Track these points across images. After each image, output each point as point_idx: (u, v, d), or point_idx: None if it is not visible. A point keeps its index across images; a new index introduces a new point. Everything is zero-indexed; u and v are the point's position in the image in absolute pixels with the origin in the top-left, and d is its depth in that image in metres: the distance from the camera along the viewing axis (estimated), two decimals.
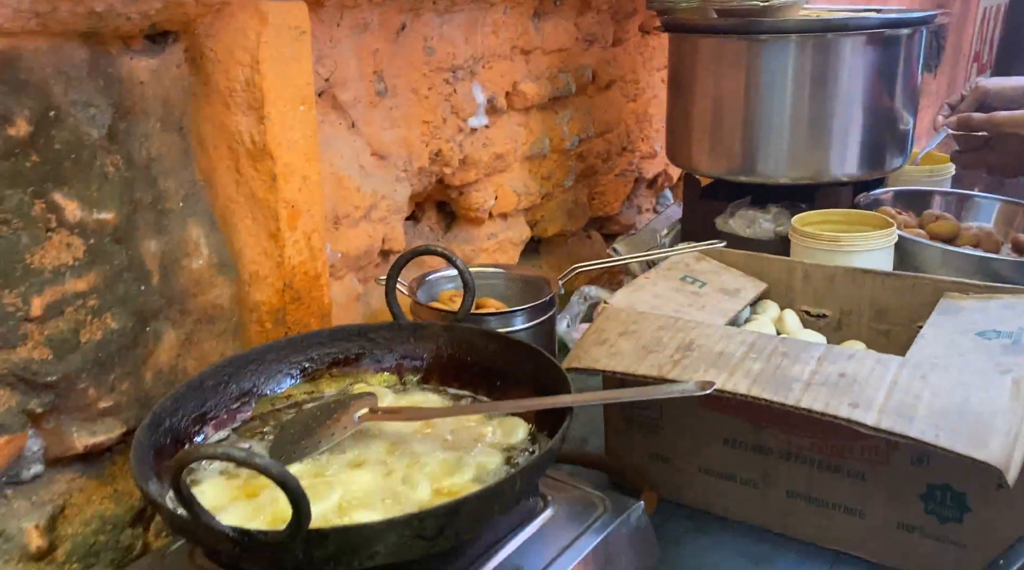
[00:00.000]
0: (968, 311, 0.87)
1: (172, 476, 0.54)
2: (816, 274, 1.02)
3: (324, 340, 0.86)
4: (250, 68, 0.81)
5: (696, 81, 1.26)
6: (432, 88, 1.13)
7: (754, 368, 0.76)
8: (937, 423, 0.67)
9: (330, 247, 1.01)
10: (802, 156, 1.23)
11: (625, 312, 0.88)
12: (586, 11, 1.42)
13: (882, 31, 1.16)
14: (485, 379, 0.83)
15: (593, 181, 1.56)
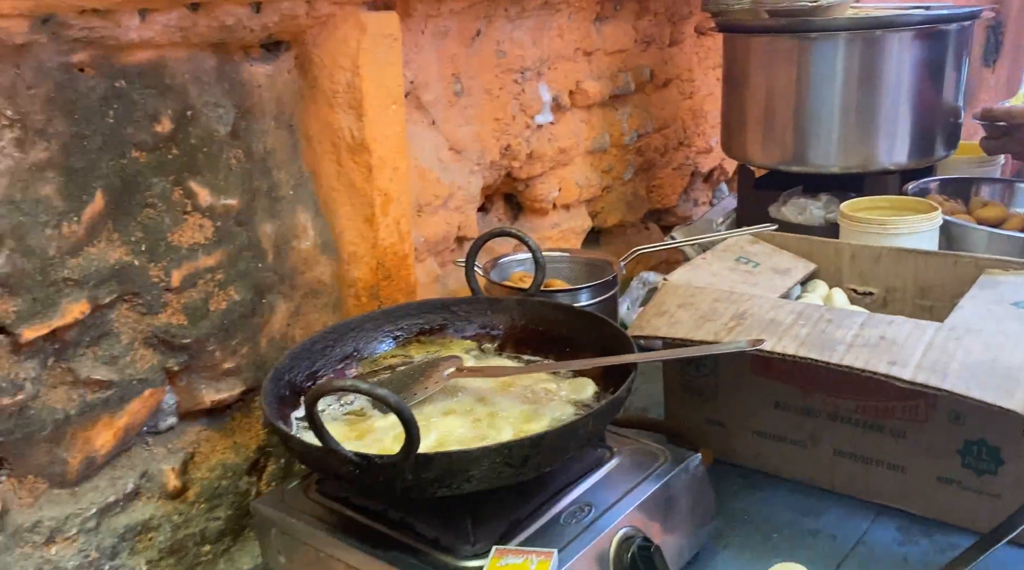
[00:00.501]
0: (1006, 285, 0.94)
1: (307, 407, 0.65)
2: (863, 254, 1.10)
3: (413, 311, 0.97)
4: (351, 72, 0.93)
5: (750, 78, 1.34)
6: (503, 88, 1.23)
7: (801, 333, 0.84)
8: (968, 377, 0.74)
9: (414, 232, 1.12)
10: (851, 146, 1.30)
11: (683, 287, 0.98)
12: (644, 14, 1.51)
13: (928, 27, 1.22)
14: (555, 346, 0.93)
15: (651, 174, 1.65)
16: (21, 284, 0.74)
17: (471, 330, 0.96)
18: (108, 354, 0.82)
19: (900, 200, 1.23)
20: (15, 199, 0.73)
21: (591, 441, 0.76)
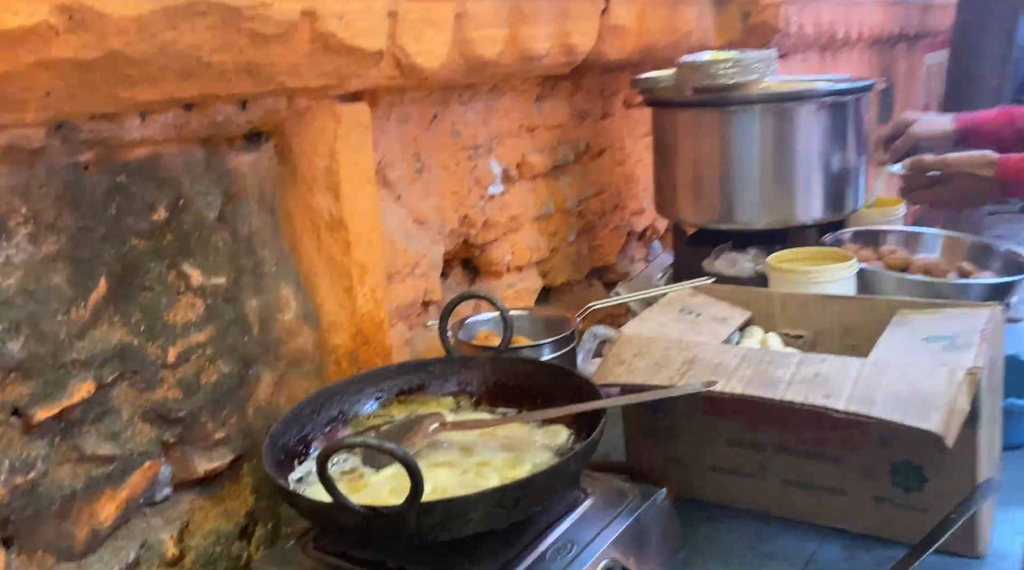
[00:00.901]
0: (917, 322, 1.07)
1: (320, 465, 0.72)
2: (791, 302, 1.22)
3: (392, 374, 1.05)
4: (328, 158, 1.02)
5: (679, 146, 1.48)
6: (459, 164, 1.34)
7: (746, 374, 0.95)
8: (892, 405, 0.86)
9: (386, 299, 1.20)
10: (772, 205, 1.44)
11: (637, 338, 1.08)
12: (578, 92, 1.65)
13: (831, 99, 1.39)
14: (527, 397, 1.01)
15: (592, 235, 1.77)
16: (34, 368, 0.79)
17: (449, 388, 1.04)
18: (110, 430, 0.87)
19: (819, 251, 1.37)
20: (29, 289, 0.78)
21: (573, 481, 0.84)
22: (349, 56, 0.95)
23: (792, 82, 1.53)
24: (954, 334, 1.01)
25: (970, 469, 0.93)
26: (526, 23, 1.23)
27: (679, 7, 1.65)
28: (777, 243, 1.46)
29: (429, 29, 1.05)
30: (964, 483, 0.93)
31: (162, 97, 0.81)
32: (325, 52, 0.92)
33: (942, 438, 0.83)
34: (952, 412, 0.85)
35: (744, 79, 1.37)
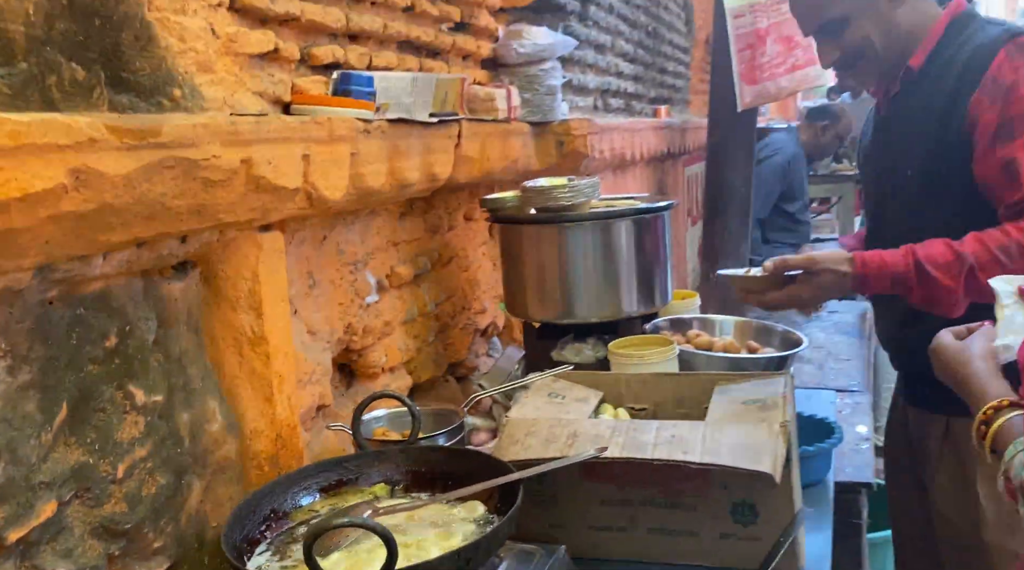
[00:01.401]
0: (733, 390, 1.37)
1: (305, 549, 0.83)
2: (634, 381, 1.48)
3: (314, 472, 1.16)
4: (251, 281, 1.14)
5: (524, 256, 1.73)
6: (343, 278, 1.49)
7: (620, 441, 1.17)
8: (732, 453, 1.12)
9: None
10: (603, 302, 1.72)
11: (523, 421, 1.27)
12: (430, 209, 1.87)
13: (642, 216, 1.71)
14: (441, 480, 1.16)
15: (446, 335, 1.96)
16: (9, 492, 0.84)
17: (374, 478, 1.17)
18: (64, 547, 0.92)
19: (645, 338, 1.66)
20: (7, 417, 0.84)
21: (503, 542, 1.00)
22: (274, 194, 1.10)
23: (613, 201, 1.85)
24: (764, 397, 1.30)
25: (789, 502, 1.21)
26: (402, 158, 1.43)
27: (509, 138, 1.94)
28: (610, 332, 1.73)
29: (333, 167, 1.22)
30: (786, 514, 1.21)
31: (128, 238, 0.92)
32: (256, 191, 1.07)
33: (773, 477, 1.09)
34: (776, 457, 1.12)
35: (576, 201, 1.65)
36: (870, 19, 1.52)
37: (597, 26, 2.71)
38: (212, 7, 1.14)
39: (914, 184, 1.54)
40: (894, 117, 1.60)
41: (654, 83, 3.61)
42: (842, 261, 1.48)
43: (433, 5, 1.80)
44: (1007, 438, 0.90)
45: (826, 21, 1.55)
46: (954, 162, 1.46)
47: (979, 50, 1.45)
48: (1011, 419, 0.91)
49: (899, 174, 1.57)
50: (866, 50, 1.54)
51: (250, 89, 1.21)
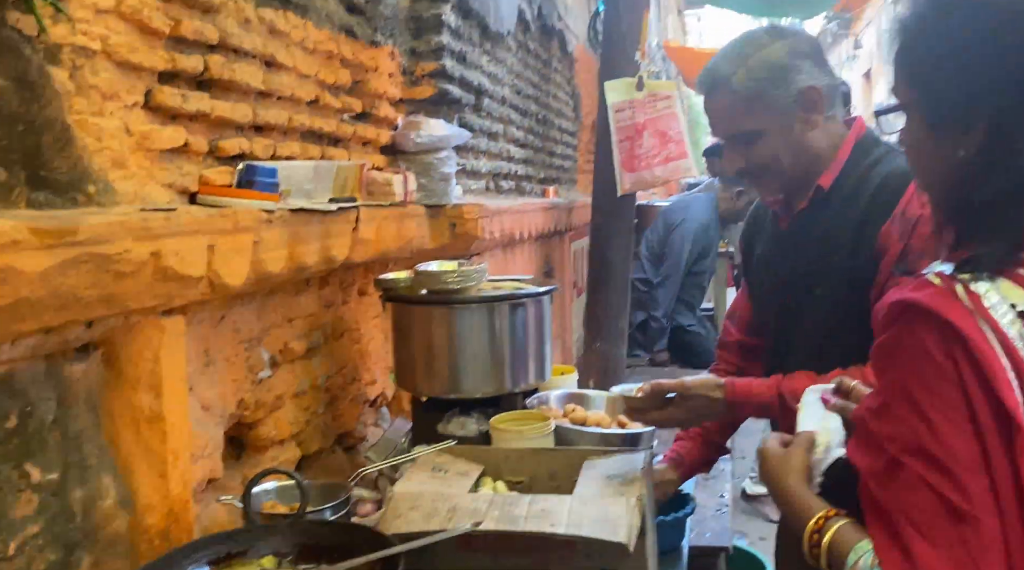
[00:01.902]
0: (600, 465, 1.51)
1: None
2: (512, 455, 1.61)
3: (203, 545, 1.21)
4: (153, 363, 1.21)
5: (415, 334, 1.84)
6: (238, 355, 1.56)
7: (495, 514, 1.29)
8: (592, 525, 1.25)
9: None
10: (488, 378, 1.85)
11: (408, 494, 1.37)
12: (325, 286, 1.97)
13: (523, 300, 1.86)
14: (327, 554, 1.24)
15: (335, 407, 2.04)
16: None
17: (261, 551, 1.23)
18: None
19: (526, 413, 1.80)
20: None
21: None
22: (179, 282, 1.18)
23: (500, 283, 2.00)
24: (625, 472, 1.46)
25: (644, 568, 1.35)
26: (301, 243, 1.53)
27: (405, 220, 2.07)
28: (493, 407, 1.86)
29: (236, 256, 1.31)
30: None
31: (39, 327, 0.99)
32: (163, 281, 1.15)
33: (627, 546, 1.23)
34: (631, 528, 1.27)
35: (465, 285, 1.79)
36: (782, 138, 1.54)
37: (490, 116, 2.91)
38: (128, 107, 1.23)
39: (826, 304, 1.56)
40: (801, 233, 1.61)
41: (543, 165, 3.85)
42: (714, 387, 1.55)
43: (336, 99, 1.94)
44: (845, 545, 0.93)
45: (738, 132, 1.57)
46: (865, 286, 1.49)
47: (890, 179, 1.49)
48: (843, 526, 0.96)
49: (809, 292, 1.58)
50: (772, 166, 1.56)
51: (159, 182, 1.29)
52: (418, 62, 2.40)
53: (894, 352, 0.89)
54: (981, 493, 0.82)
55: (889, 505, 0.87)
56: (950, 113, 0.93)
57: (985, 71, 0.89)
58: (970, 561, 0.81)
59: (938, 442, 0.83)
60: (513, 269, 3.12)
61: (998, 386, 0.82)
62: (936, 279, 0.89)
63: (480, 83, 2.71)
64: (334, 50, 1.92)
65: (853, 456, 0.96)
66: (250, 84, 1.56)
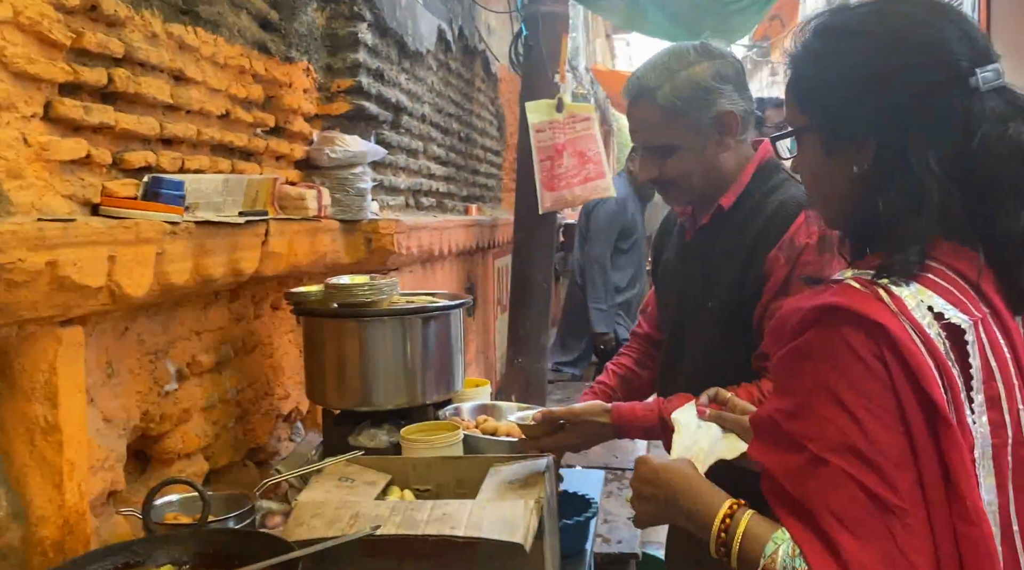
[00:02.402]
0: (503, 471, 1.56)
1: None
2: (420, 465, 1.64)
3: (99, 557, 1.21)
4: (49, 373, 1.21)
5: (326, 346, 1.86)
6: (143, 367, 1.56)
7: (397, 519, 1.32)
8: (491, 527, 1.30)
9: None
10: (399, 390, 1.88)
11: (311, 503, 1.39)
12: (236, 299, 1.97)
13: (435, 313, 1.90)
14: (227, 562, 1.25)
15: (246, 420, 2.03)
16: None
17: (160, 561, 1.23)
18: None
19: (437, 424, 1.83)
20: None
21: None
22: (78, 292, 1.19)
23: (413, 297, 2.03)
24: (526, 477, 1.50)
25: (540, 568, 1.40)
26: (207, 255, 1.54)
27: (318, 235, 2.09)
28: (404, 419, 1.89)
29: (138, 266, 1.32)
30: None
31: None
32: (60, 290, 1.15)
33: (524, 547, 1.28)
34: (528, 530, 1.31)
35: (376, 298, 1.82)
36: (695, 156, 1.61)
37: (409, 133, 2.95)
38: (26, 118, 1.23)
39: (715, 316, 1.63)
40: (701, 248, 1.69)
41: (466, 183, 3.90)
42: (601, 413, 1.60)
43: (248, 113, 1.95)
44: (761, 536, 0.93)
45: (655, 144, 1.63)
46: (751, 305, 1.57)
47: (784, 206, 1.57)
48: (755, 517, 0.96)
49: (701, 303, 1.66)
50: (682, 181, 1.63)
51: (59, 193, 1.29)
52: (334, 79, 2.43)
53: (813, 354, 0.91)
54: (909, 487, 0.85)
55: (810, 501, 0.89)
56: (843, 132, 1.00)
57: (871, 91, 0.97)
58: (898, 552, 0.83)
59: (866, 439, 0.86)
60: (433, 285, 3.16)
61: (926, 383, 0.86)
62: (856, 284, 0.94)
63: (399, 100, 2.75)
64: (246, 65, 1.94)
65: (758, 456, 0.98)
66: (157, 98, 1.57)
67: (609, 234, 4.43)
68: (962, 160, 0.93)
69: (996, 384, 0.91)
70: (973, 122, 0.94)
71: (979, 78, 0.94)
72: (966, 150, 0.93)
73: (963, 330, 0.91)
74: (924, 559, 0.84)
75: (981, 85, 0.94)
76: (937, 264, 0.95)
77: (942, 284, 0.94)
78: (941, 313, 0.91)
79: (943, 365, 0.89)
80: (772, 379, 1.00)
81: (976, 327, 0.92)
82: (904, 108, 0.96)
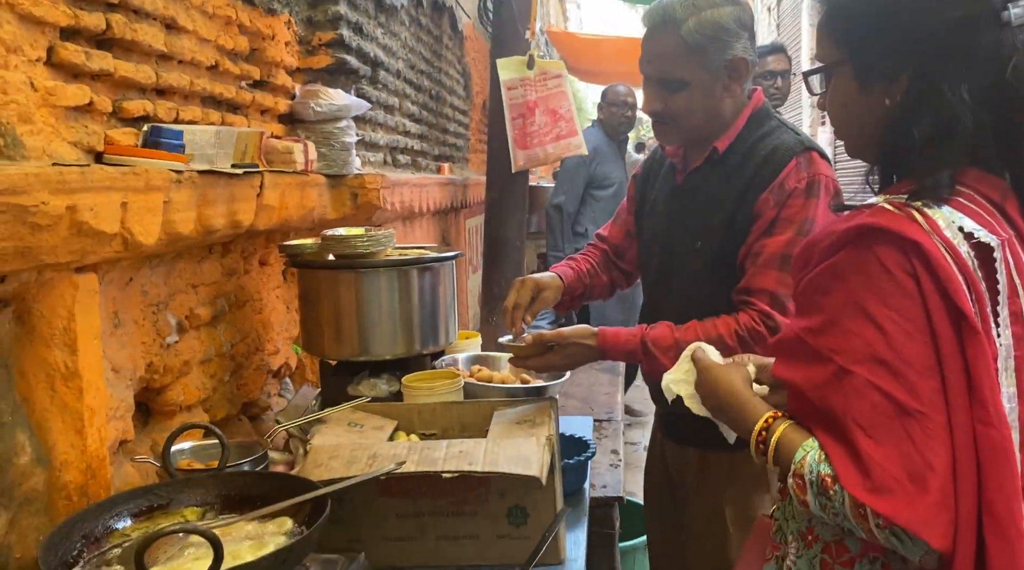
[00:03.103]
0: (509, 413, 1.60)
1: (137, 557, 0.93)
2: (424, 410, 1.67)
3: (124, 499, 1.22)
4: (67, 319, 1.20)
5: (322, 298, 1.87)
6: (146, 318, 1.55)
7: (415, 458, 1.36)
8: (508, 462, 1.34)
9: None
10: (397, 340, 1.90)
11: (325, 447, 1.42)
12: (228, 254, 1.96)
13: (431, 264, 1.92)
14: (250, 503, 1.27)
15: (240, 375, 2.04)
16: None
17: (184, 503, 1.25)
18: None
19: (435, 372, 1.86)
20: None
21: (313, 548, 1.14)
22: (94, 238, 1.18)
23: (406, 250, 2.05)
24: (533, 418, 1.55)
25: (553, 504, 1.45)
26: (209, 205, 1.54)
27: (307, 189, 2.08)
28: (402, 369, 1.91)
29: (148, 214, 1.32)
30: (549, 514, 1.45)
31: None
32: (78, 236, 1.15)
33: (540, 480, 1.32)
34: (543, 464, 1.36)
35: (374, 249, 1.83)
36: (702, 96, 1.64)
37: (386, 89, 2.93)
38: (31, 62, 1.21)
39: (702, 256, 1.69)
40: (692, 189, 1.74)
41: (438, 142, 3.89)
42: (588, 336, 1.70)
43: (235, 65, 1.93)
44: (793, 443, 1.01)
45: (668, 76, 1.65)
46: (738, 244, 1.65)
47: (776, 151, 1.63)
48: (789, 426, 1.03)
49: (689, 244, 1.71)
50: (684, 118, 1.67)
51: (66, 139, 1.28)
52: (315, 31, 2.40)
53: (845, 272, 0.97)
54: (931, 393, 0.91)
55: (834, 410, 0.95)
56: (877, 66, 1.05)
57: (906, 27, 1.02)
58: (915, 453, 0.90)
59: (892, 349, 0.92)
60: (412, 241, 3.16)
61: (955, 295, 0.92)
62: (890, 206, 0.99)
63: (376, 55, 2.73)
64: (232, 16, 1.91)
65: (782, 374, 1.05)
66: (152, 45, 1.54)
67: (575, 181, 4.47)
68: (994, 90, 0.99)
69: (1020, 300, 0.98)
70: (1005, 54, 0.99)
71: (1012, 13, 0.99)
72: (999, 81, 0.98)
73: (992, 248, 0.97)
74: (940, 460, 0.90)
75: (1013, 19, 0.99)
76: (966, 189, 1.02)
77: (971, 206, 1.00)
78: (971, 233, 0.97)
79: (972, 280, 0.95)
80: (796, 302, 1.06)
81: (1003, 247, 0.98)
82: (938, 42, 1.01)
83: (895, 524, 0.89)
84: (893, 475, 0.90)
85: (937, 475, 0.90)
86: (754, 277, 1.63)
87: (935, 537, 0.89)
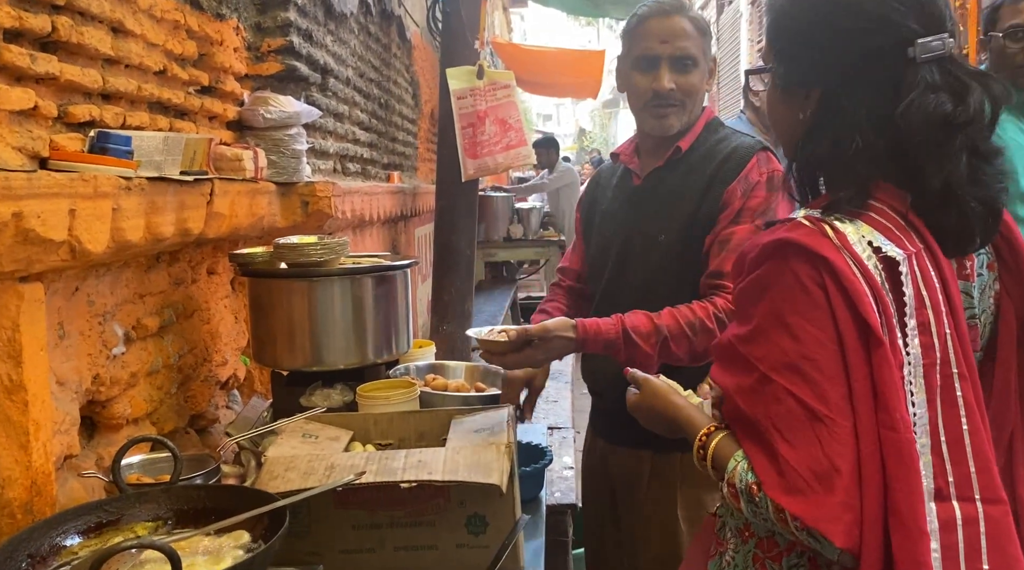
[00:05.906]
0: (467, 422, 1.60)
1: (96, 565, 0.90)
2: (381, 420, 1.66)
3: (72, 516, 1.18)
4: (12, 330, 1.16)
5: (275, 308, 1.84)
6: (92, 329, 1.51)
7: (374, 468, 1.34)
8: (468, 470, 1.34)
9: None
10: (350, 350, 1.88)
11: (282, 458, 1.39)
12: (175, 263, 1.92)
13: (385, 272, 1.91)
14: (205, 517, 1.24)
15: (187, 387, 1.99)
16: None
17: (136, 518, 1.21)
18: None
19: (390, 382, 1.85)
20: None
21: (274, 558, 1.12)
22: (41, 246, 1.15)
23: (359, 258, 2.03)
24: (491, 426, 1.55)
25: (512, 512, 1.45)
26: (158, 213, 1.50)
27: (256, 197, 2.05)
28: (355, 379, 1.89)
29: (96, 221, 1.28)
30: (508, 522, 1.44)
31: None
32: (24, 244, 1.11)
33: (500, 487, 1.32)
34: (503, 472, 1.36)
35: (327, 257, 1.81)
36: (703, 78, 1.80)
37: (336, 96, 2.91)
38: None
39: (665, 248, 1.77)
40: (652, 188, 1.83)
41: (387, 150, 3.87)
42: (568, 328, 1.69)
43: (183, 70, 1.89)
44: (726, 454, 1.07)
45: (685, 54, 1.76)
46: (703, 234, 1.73)
47: (737, 150, 1.76)
48: (724, 438, 1.10)
49: (651, 238, 1.79)
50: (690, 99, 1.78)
51: (10, 144, 1.24)
52: (264, 38, 2.37)
53: (768, 284, 1.03)
54: (838, 399, 0.96)
55: (757, 416, 1.01)
56: (795, 79, 1.12)
57: (823, 47, 1.08)
58: (823, 456, 0.95)
59: (804, 357, 0.98)
60: (363, 251, 3.13)
61: (861, 307, 0.97)
62: (806, 221, 1.05)
63: (326, 62, 2.70)
64: (180, 20, 1.88)
65: (718, 378, 1.10)
66: (98, 49, 1.50)
67: None
68: (888, 121, 1.04)
69: (927, 311, 1.03)
70: (904, 90, 1.04)
71: (918, 49, 1.03)
72: (892, 113, 1.04)
73: (898, 262, 1.02)
74: (846, 462, 0.95)
75: (919, 56, 1.03)
76: (879, 203, 1.07)
77: (881, 221, 1.06)
78: (879, 247, 1.03)
79: (878, 292, 1.00)
80: (735, 307, 1.12)
81: (910, 260, 1.03)
82: (847, 66, 1.07)
83: (808, 525, 0.95)
84: (803, 476, 0.96)
85: (843, 476, 0.95)
86: (725, 261, 1.69)
87: (838, 535, 0.94)
